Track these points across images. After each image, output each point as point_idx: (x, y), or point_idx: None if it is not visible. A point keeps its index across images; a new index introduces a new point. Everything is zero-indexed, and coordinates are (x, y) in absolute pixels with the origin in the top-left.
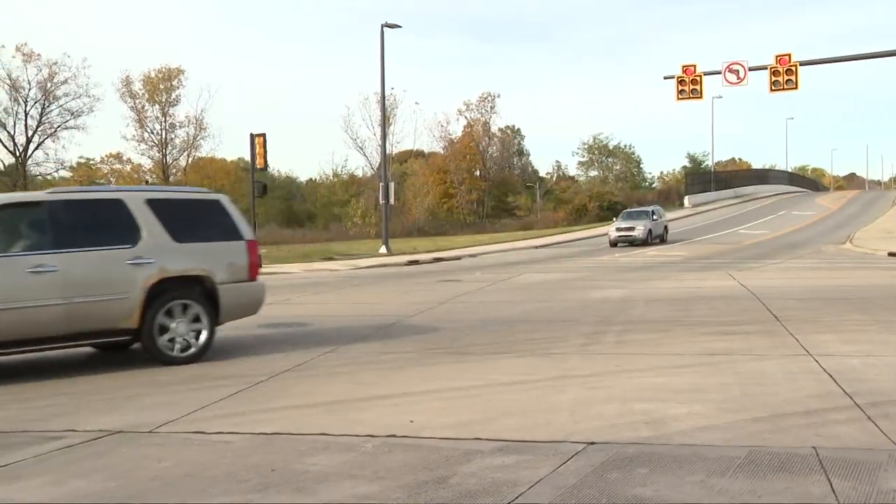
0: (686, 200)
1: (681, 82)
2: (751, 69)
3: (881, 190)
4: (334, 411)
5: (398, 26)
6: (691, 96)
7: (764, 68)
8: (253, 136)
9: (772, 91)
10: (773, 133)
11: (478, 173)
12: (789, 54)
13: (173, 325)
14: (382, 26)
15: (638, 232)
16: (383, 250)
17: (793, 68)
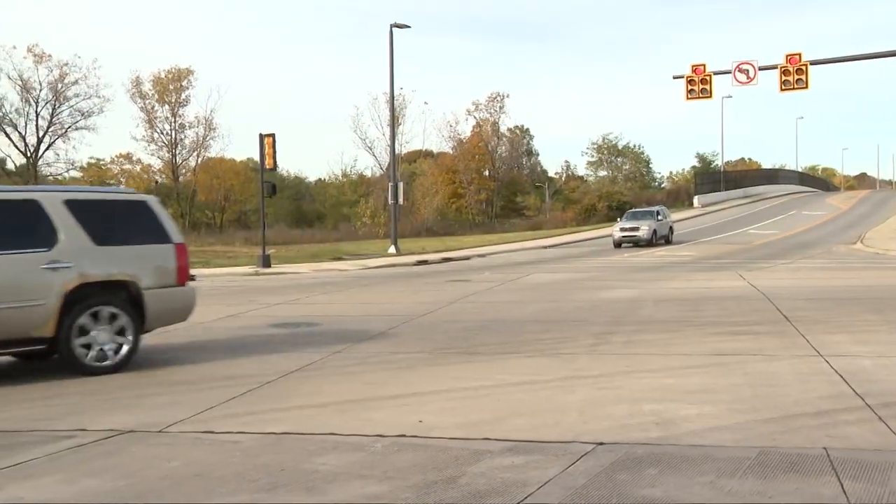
0: (695, 200)
1: (690, 82)
2: (761, 69)
3: (892, 190)
4: (343, 411)
5: (407, 26)
6: (701, 96)
7: (774, 68)
8: (262, 137)
9: (782, 90)
10: (783, 133)
11: (487, 173)
12: (800, 53)
13: (94, 333)
14: (391, 26)
15: (642, 232)
16: (392, 250)
17: (803, 68)
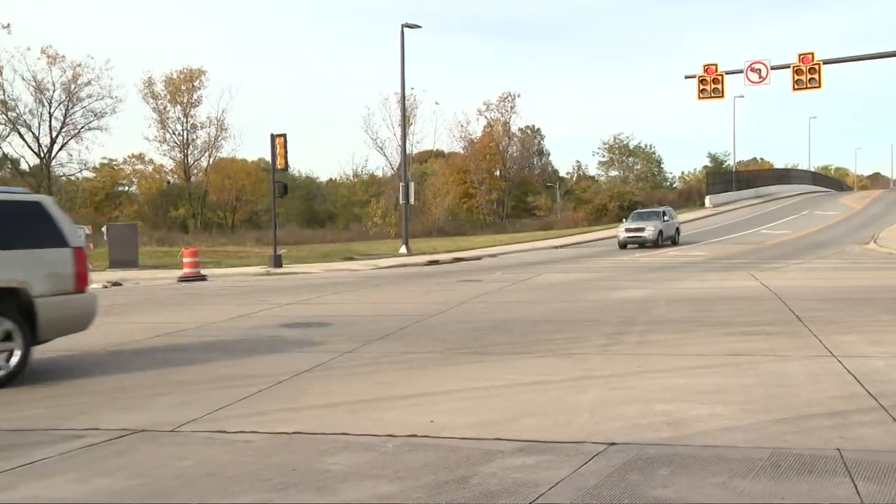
0: (707, 200)
1: (702, 81)
2: (773, 68)
3: None
4: (355, 411)
5: (418, 27)
6: (713, 95)
7: (787, 67)
8: (273, 137)
9: (794, 90)
10: (796, 132)
11: (498, 173)
12: (812, 53)
13: None
14: (402, 27)
15: (648, 233)
16: (403, 250)
17: (816, 67)
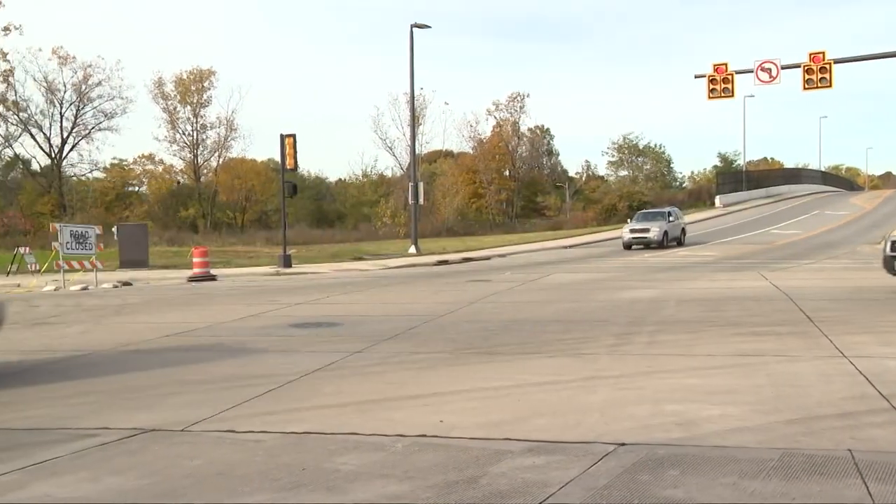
0: (717, 200)
1: (712, 81)
2: (783, 67)
3: None
4: (364, 411)
5: (427, 27)
6: (723, 95)
7: (797, 66)
8: (283, 137)
9: (805, 89)
10: (806, 132)
11: (507, 173)
12: (823, 52)
13: None
14: (412, 27)
15: (653, 234)
16: (412, 250)
17: (827, 66)
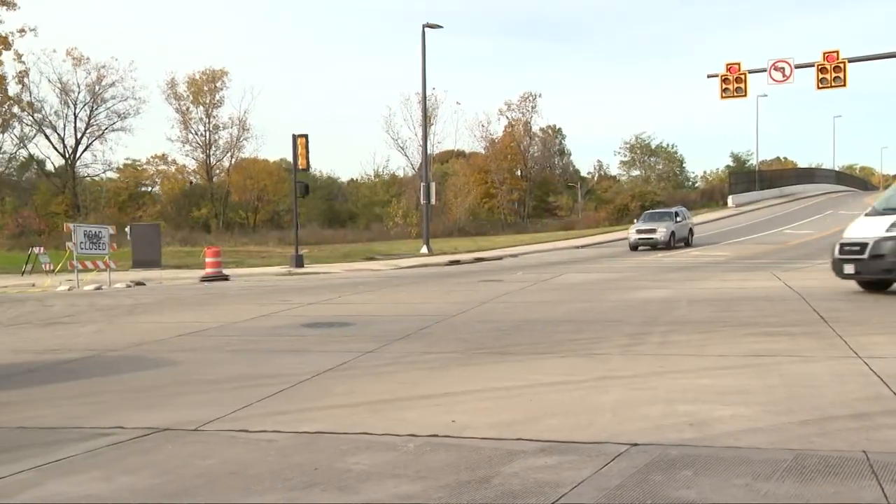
0: (730, 200)
1: (725, 80)
2: (797, 66)
3: None
4: (376, 411)
5: (439, 27)
6: (735, 95)
7: (811, 66)
8: (295, 137)
9: (819, 88)
10: (820, 131)
11: (519, 173)
12: (837, 51)
13: None
14: (424, 27)
15: (660, 234)
16: (424, 250)
17: (841, 65)
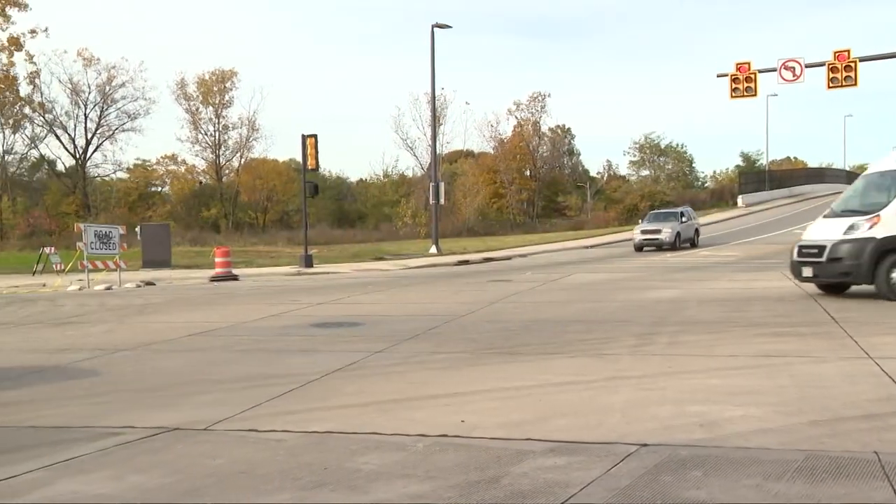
0: (739, 200)
1: (735, 80)
2: (808, 66)
3: None
4: (386, 411)
5: (448, 26)
6: (745, 94)
7: (822, 65)
8: (304, 137)
9: (830, 88)
10: (831, 131)
11: (528, 173)
12: (848, 50)
13: None
14: (433, 27)
15: (665, 235)
16: (433, 250)
17: (852, 64)
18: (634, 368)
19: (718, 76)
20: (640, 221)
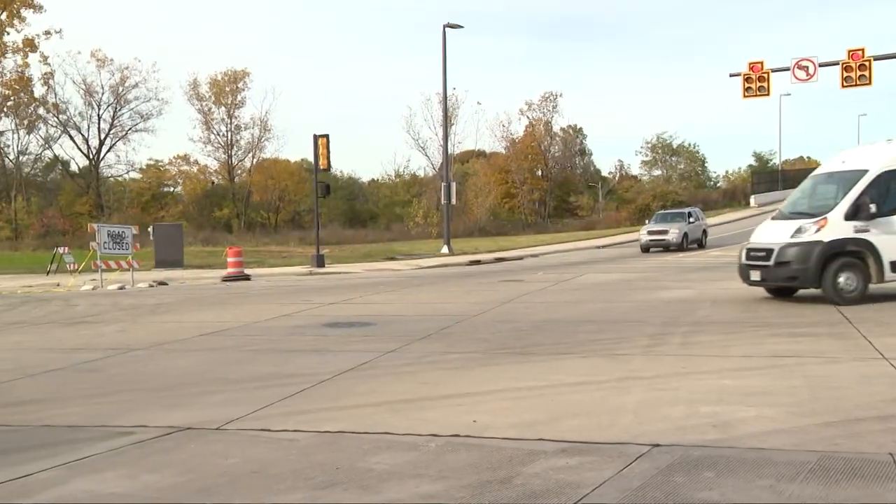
0: (752, 200)
1: (747, 80)
2: (821, 65)
3: None
4: (398, 410)
5: (460, 26)
6: (758, 94)
7: (835, 64)
8: (316, 138)
9: (843, 87)
10: (844, 130)
11: (539, 173)
12: (863, 49)
13: None
14: (444, 27)
15: (672, 236)
16: (445, 250)
17: (866, 63)
18: (647, 369)
19: (731, 76)
20: (646, 222)
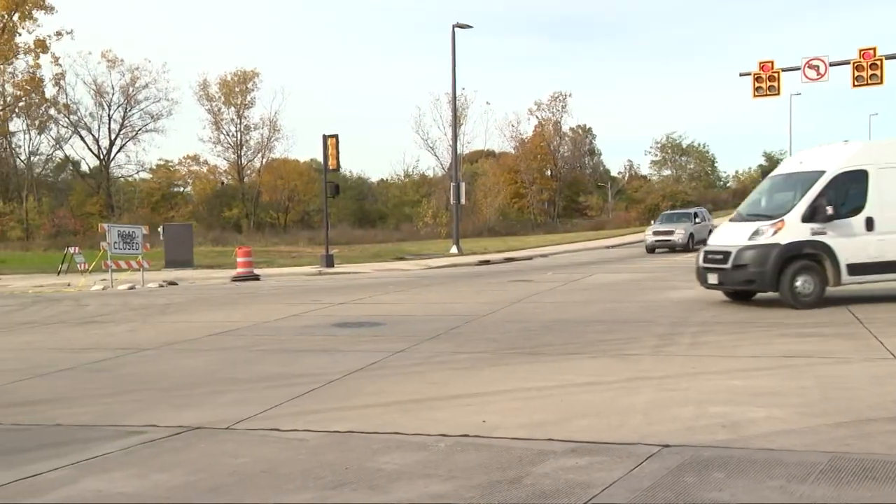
0: None
1: (757, 79)
2: (832, 64)
3: None
4: (407, 410)
5: (469, 26)
6: (768, 93)
7: (846, 63)
8: (325, 138)
9: (855, 87)
10: (855, 129)
11: (549, 173)
12: (874, 48)
13: None
14: (454, 27)
15: (677, 237)
16: (454, 250)
17: (878, 62)
18: (656, 369)
19: (741, 75)
20: (651, 222)
